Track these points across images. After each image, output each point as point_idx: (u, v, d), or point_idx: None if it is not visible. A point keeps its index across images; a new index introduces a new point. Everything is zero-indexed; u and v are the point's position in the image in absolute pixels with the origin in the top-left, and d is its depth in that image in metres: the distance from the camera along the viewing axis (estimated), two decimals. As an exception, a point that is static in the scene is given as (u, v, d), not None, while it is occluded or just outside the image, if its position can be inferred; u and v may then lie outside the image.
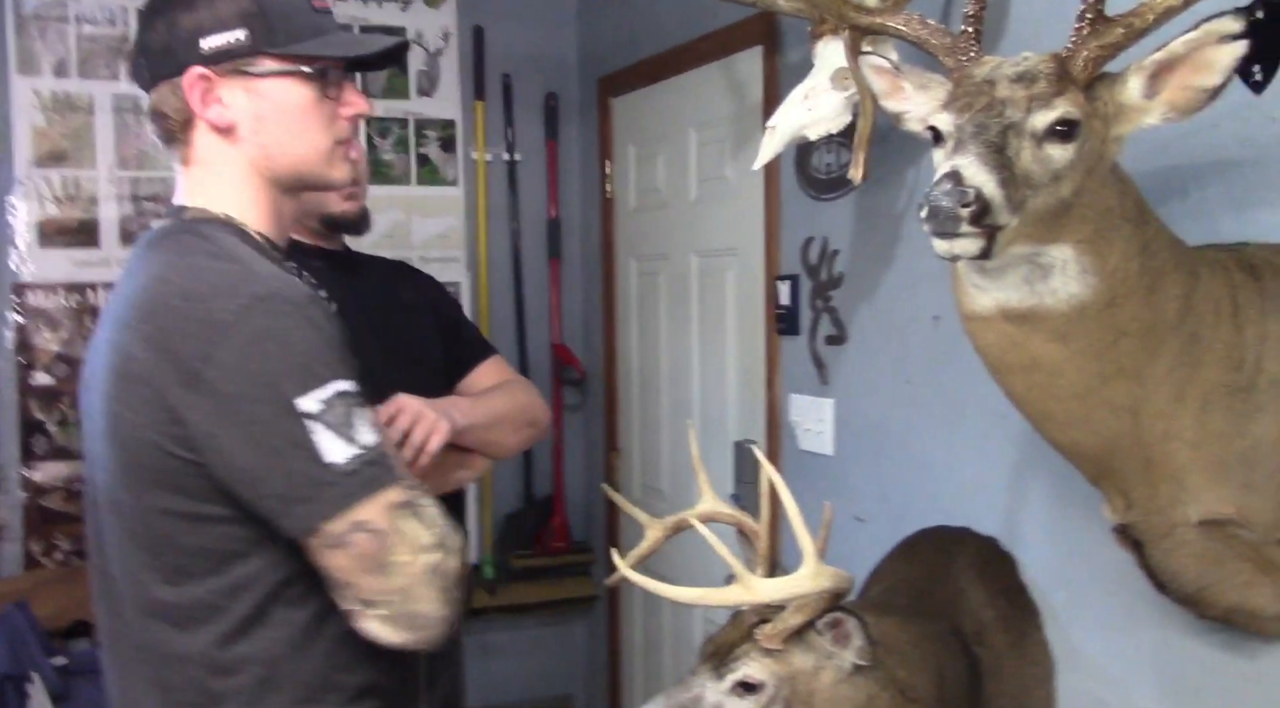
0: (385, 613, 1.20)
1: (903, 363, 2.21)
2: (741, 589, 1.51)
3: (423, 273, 2.09)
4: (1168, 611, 1.67)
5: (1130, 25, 1.24)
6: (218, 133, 1.32)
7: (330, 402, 1.17)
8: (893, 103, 1.44)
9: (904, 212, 2.18)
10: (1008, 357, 1.34)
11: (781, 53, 2.53)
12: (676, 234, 3.00)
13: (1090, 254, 1.26)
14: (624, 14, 3.28)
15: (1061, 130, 1.22)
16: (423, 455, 1.62)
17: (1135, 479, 1.38)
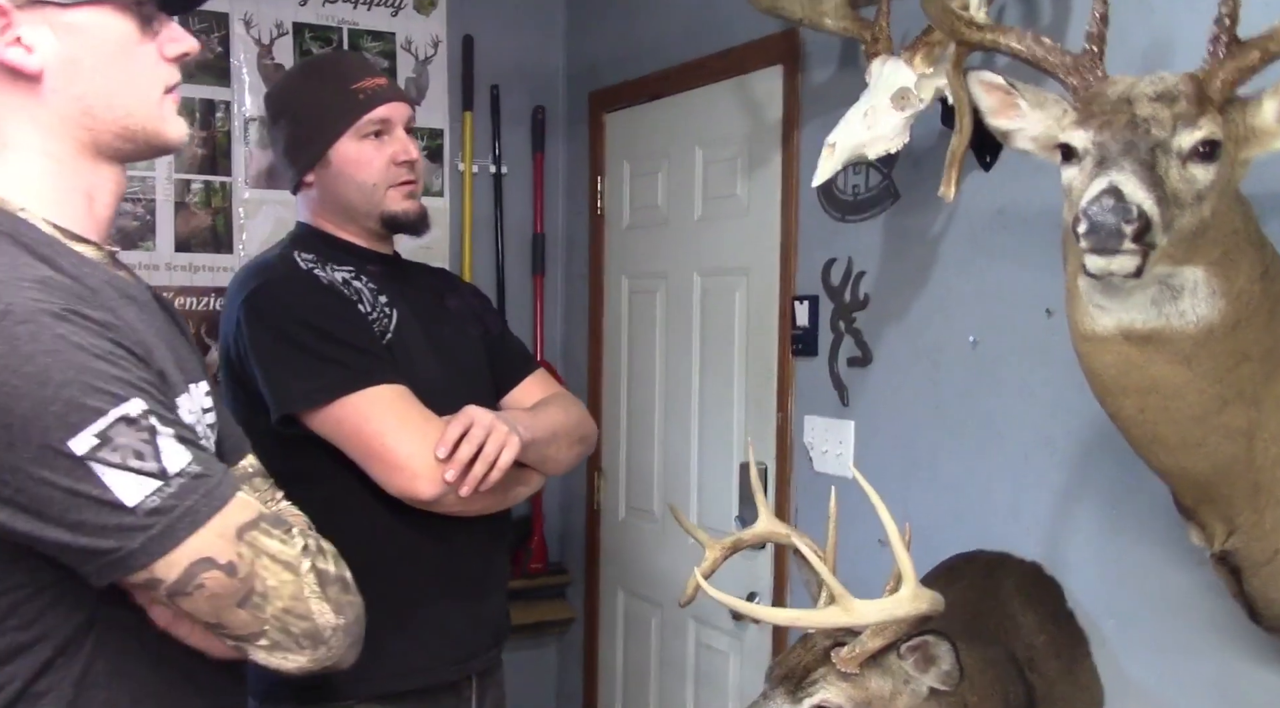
0: (267, 643, 1.05)
1: (934, 386, 2.19)
2: (840, 611, 1.47)
3: (467, 283, 2.03)
4: (1231, 637, 1.68)
5: (1265, 49, 1.24)
6: (15, 87, 1.06)
7: (109, 434, 0.96)
8: (1004, 120, 1.42)
9: (941, 234, 2.18)
10: (1125, 378, 1.33)
11: (804, 72, 2.52)
12: (677, 252, 2.96)
13: (1219, 276, 1.26)
14: (618, 30, 3.25)
15: (1204, 151, 1.21)
16: (495, 470, 1.56)
17: (1242, 505, 1.37)
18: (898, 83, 1.88)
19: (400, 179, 1.77)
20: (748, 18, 2.65)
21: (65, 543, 0.98)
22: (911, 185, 2.23)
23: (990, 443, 2.07)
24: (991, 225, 2.06)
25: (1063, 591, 1.93)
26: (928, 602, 1.47)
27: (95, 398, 0.97)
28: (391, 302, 1.73)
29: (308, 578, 1.06)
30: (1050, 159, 1.39)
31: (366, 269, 1.76)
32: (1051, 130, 1.37)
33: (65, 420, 0.95)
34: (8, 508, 0.97)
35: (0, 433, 0.94)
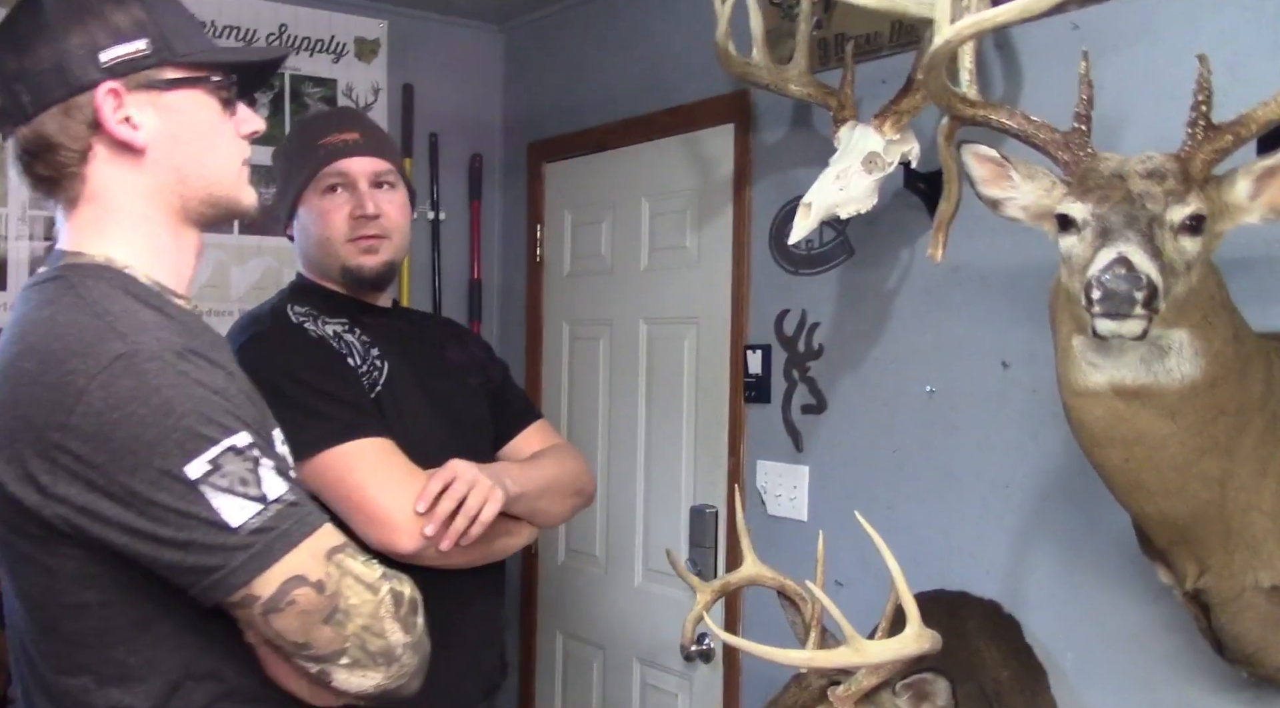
0: (348, 661, 1.12)
1: (890, 433, 2.30)
2: (852, 651, 1.54)
3: (470, 332, 2.05)
4: (1187, 670, 1.81)
5: (1237, 133, 1.37)
6: (123, 159, 1.20)
7: (220, 461, 1.08)
8: (995, 190, 1.53)
9: (896, 289, 2.29)
10: (1113, 430, 1.44)
11: (755, 131, 2.62)
12: (622, 300, 3.03)
13: (1201, 338, 1.38)
14: (558, 84, 3.31)
15: (1192, 225, 1.34)
16: (475, 524, 1.58)
17: (1214, 546, 1.49)
18: (867, 147, 1.99)
19: (357, 234, 1.77)
20: (698, 78, 2.77)
21: (176, 562, 1.08)
22: (866, 241, 2.34)
23: (948, 488, 2.18)
24: (947, 282, 2.18)
25: (1021, 627, 2.04)
26: (929, 640, 1.55)
27: (209, 428, 1.08)
28: (384, 354, 1.74)
29: (385, 599, 1.14)
30: (1038, 226, 1.51)
31: (362, 320, 1.77)
32: (1042, 201, 1.48)
33: (183, 447, 1.07)
34: (126, 532, 1.08)
35: (128, 458, 1.06)
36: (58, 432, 1.07)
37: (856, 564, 2.36)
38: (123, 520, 1.08)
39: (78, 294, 1.14)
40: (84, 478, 1.07)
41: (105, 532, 1.09)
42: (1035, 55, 2.02)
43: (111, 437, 1.06)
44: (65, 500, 1.08)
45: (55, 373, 1.08)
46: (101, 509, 1.08)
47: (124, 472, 1.06)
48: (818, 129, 2.46)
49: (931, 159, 2.12)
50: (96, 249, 1.20)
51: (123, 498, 1.07)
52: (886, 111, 2.00)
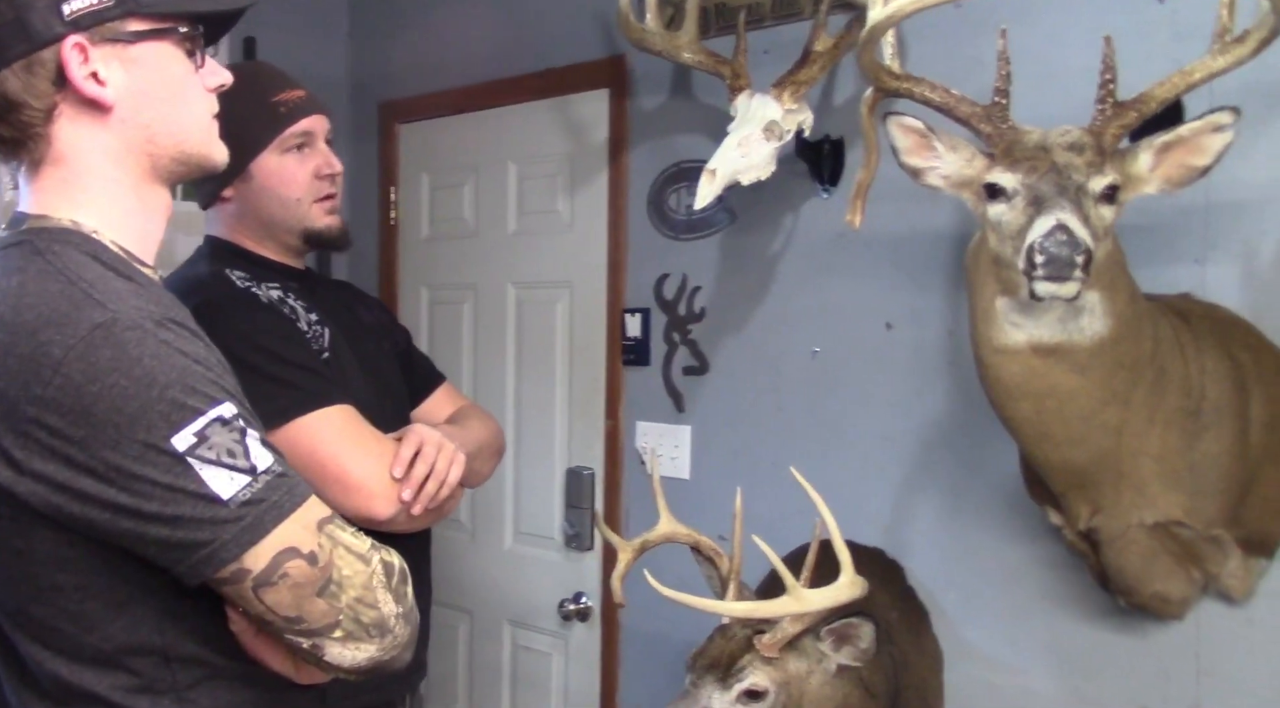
0: (341, 634, 1.10)
1: (773, 393, 2.39)
2: (791, 600, 1.61)
3: (372, 296, 2.00)
4: (1061, 602, 1.98)
5: (1140, 110, 1.51)
6: (89, 117, 1.14)
7: (206, 433, 1.04)
8: (917, 159, 1.61)
9: (780, 253, 2.37)
10: (1028, 385, 1.56)
11: (632, 97, 2.65)
12: (488, 264, 3.01)
13: (1108, 299, 1.51)
14: (411, 42, 3.24)
15: (1108, 194, 1.46)
16: (444, 487, 1.58)
17: (1107, 489, 1.64)
18: (767, 116, 2.06)
19: (323, 193, 1.74)
20: (569, 41, 2.77)
21: (164, 538, 1.04)
22: (747, 207, 2.41)
23: (832, 443, 2.29)
24: (831, 247, 2.28)
25: (904, 571, 2.17)
26: (860, 587, 1.65)
27: (194, 399, 1.04)
28: (321, 319, 1.69)
29: (377, 569, 1.11)
30: (958, 195, 1.61)
31: (292, 286, 1.72)
32: (963, 171, 1.58)
33: (168, 419, 1.02)
34: (109, 509, 1.03)
35: (109, 432, 1.01)
36: (33, 405, 1.01)
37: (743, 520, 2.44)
38: (105, 497, 1.02)
39: (46, 260, 1.08)
40: (62, 454, 1.02)
41: (85, 509, 1.03)
42: (919, 34, 2.12)
43: (91, 410, 1.01)
44: (42, 477, 1.03)
45: (28, 344, 1.03)
46: (82, 486, 1.02)
47: (105, 446, 1.01)
48: (697, 96, 2.51)
49: (817, 128, 2.22)
50: (61, 212, 1.14)
51: (104, 474, 1.02)
52: (785, 81, 2.06)
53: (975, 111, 1.55)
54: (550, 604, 2.82)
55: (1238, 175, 1.75)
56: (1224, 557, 1.73)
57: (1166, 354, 1.61)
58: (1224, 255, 1.80)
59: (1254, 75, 1.61)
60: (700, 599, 1.67)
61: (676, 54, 2.22)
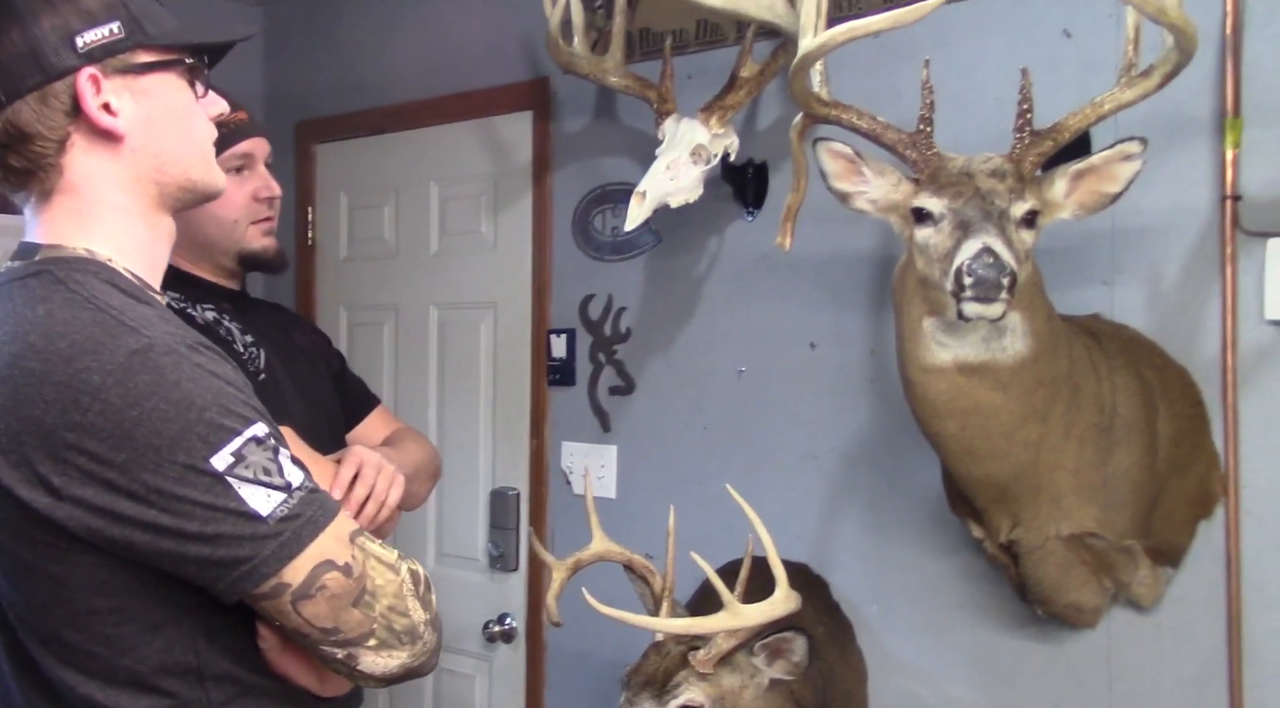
0: (375, 642, 1.12)
1: (699, 412, 2.43)
2: (729, 615, 1.63)
3: (305, 319, 1.97)
4: (981, 613, 2.04)
5: (1055, 139, 1.58)
6: (102, 147, 1.16)
7: (243, 452, 1.06)
8: (845, 184, 1.67)
9: (705, 275, 2.42)
10: (953, 402, 1.61)
11: (555, 119, 2.67)
12: (410, 286, 3.00)
13: (1028, 319, 1.58)
14: (329, 63, 3.22)
15: (1029, 218, 1.52)
16: (384, 509, 1.57)
17: (1026, 502, 1.71)
18: (695, 140, 2.10)
19: (260, 216, 1.73)
20: (491, 63, 2.78)
21: (205, 557, 1.05)
22: (672, 229, 2.45)
23: (758, 462, 2.33)
24: (755, 269, 2.33)
25: (829, 586, 2.22)
26: (795, 601, 1.68)
27: (231, 420, 1.06)
28: (256, 341, 1.67)
29: (405, 578, 1.14)
30: (885, 218, 1.67)
31: (227, 307, 1.69)
32: (890, 195, 1.64)
33: (207, 440, 1.04)
34: (150, 530, 1.04)
35: (150, 455, 1.02)
36: (72, 432, 1.02)
37: (664, 537, 2.47)
38: (145, 519, 1.04)
39: (70, 289, 1.08)
40: (101, 478, 1.03)
41: (126, 532, 1.04)
42: (841, 62, 2.18)
43: (132, 434, 1.02)
44: (81, 502, 1.03)
45: (64, 372, 1.03)
46: (121, 509, 1.03)
47: (146, 469, 1.02)
48: (622, 119, 2.55)
49: (741, 153, 2.26)
50: (75, 241, 1.15)
51: (144, 496, 1.03)
52: (712, 106, 2.11)
53: (901, 138, 1.61)
54: (474, 626, 2.81)
55: (1141, 203, 1.84)
56: (1134, 566, 1.81)
57: (1081, 372, 1.69)
58: (1130, 278, 1.88)
59: (1154, 107, 1.70)
60: (639, 617, 1.69)
61: (604, 78, 2.25)
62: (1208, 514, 1.81)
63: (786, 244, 1.77)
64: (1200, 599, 1.83)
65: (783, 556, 2.23)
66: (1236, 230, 1.77)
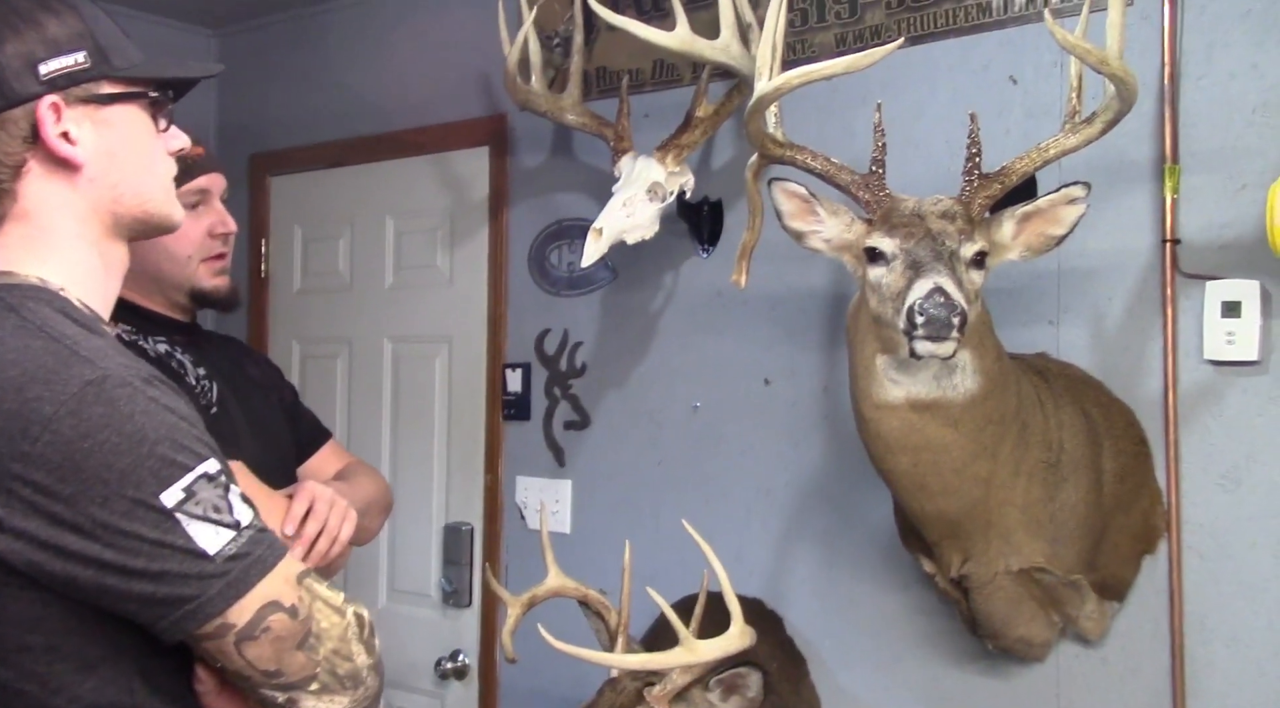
0: (317, 687, 1.11)
1: (655, 447, 2.44)
2: (685, 651, 1.64)
3: (259, 352, 1.96)
4: (934, 647, 2.07)
5: (1003, 182, 1.63)
6: (58, 175, 1.15)
7: (194, 488, 1.05)
8: (799, 224, 1.70)
9: (660, 311, 2.44)
10: (905, 439, 1.64)
11: (513, 155, 2.69)
12: (364, 319, 2.99)
13: (977, 357, 1.61)
14: (284, 96, 3.22)
15: (978, 259, 1.56)
16: (335, 545, 1.57)
17: (977, 537, 1.73)
18: (651, 177, 2.13)
19: (213, 252, 1.72)
20: (448, 99, 2.80)
21: (148, 594, 1.03)
22: (628, 265, 2.47)
23: (713, 496, 2.35)
24: (710, 305, 2.35)
25: (783, 621, 2.23)
26: (750, 637, 1.69)
27: (183, 455, 1.05)
28: (209, 374, 1.66)
29: (351, 621, 1.13)
30: (838, 257, 1.70)
31: (178, 340, 1.68)
32: (843, 235, 1.67)
33: (158, 475, 1.03)
34: (93, 565, 1.02)
35: (98, 488, 1.00)
36: (19, 462, 1.00)
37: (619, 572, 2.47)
38: (89, 553, 1.02)
39: (21, 317, 1.07)
40: (46, 511, 1.01)
41: (67, 566, 1.02)
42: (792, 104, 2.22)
43: (82, 466, 1.00)
44: (23, 534, 1.01)
45: (14, 400, 1.01)
46: (65, 543, 1.01)
47: (94, 503, 1.01)
48: (578, 156, 2.57)
49: (697, 191, 2.29)
50: (28, 269, 1.13)
51: (89, 530, 1.01)
52: (669, 145, 2.14)
53: (854, 179, 1.65)
54: (427, 663, 2.79)
55: (1086, 245, 1.89)
56: (1081, 600, 1.84)
57: (1029, 410, 1.72)
58: (1075, 318, 1.93)
59: (1097, 153, 1.75)
60: (595, 653, 1.69)
61: (561, 115, 2.28)
62: (1151, 549, 1.85)
63: (742, 282, 1.80)
64: (1145, 633, 1.87)
65: (737, 590, 2.26)
66: (1176, 273, 1.82)
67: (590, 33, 2.42)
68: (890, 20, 2.12)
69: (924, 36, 2.10)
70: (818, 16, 2.20)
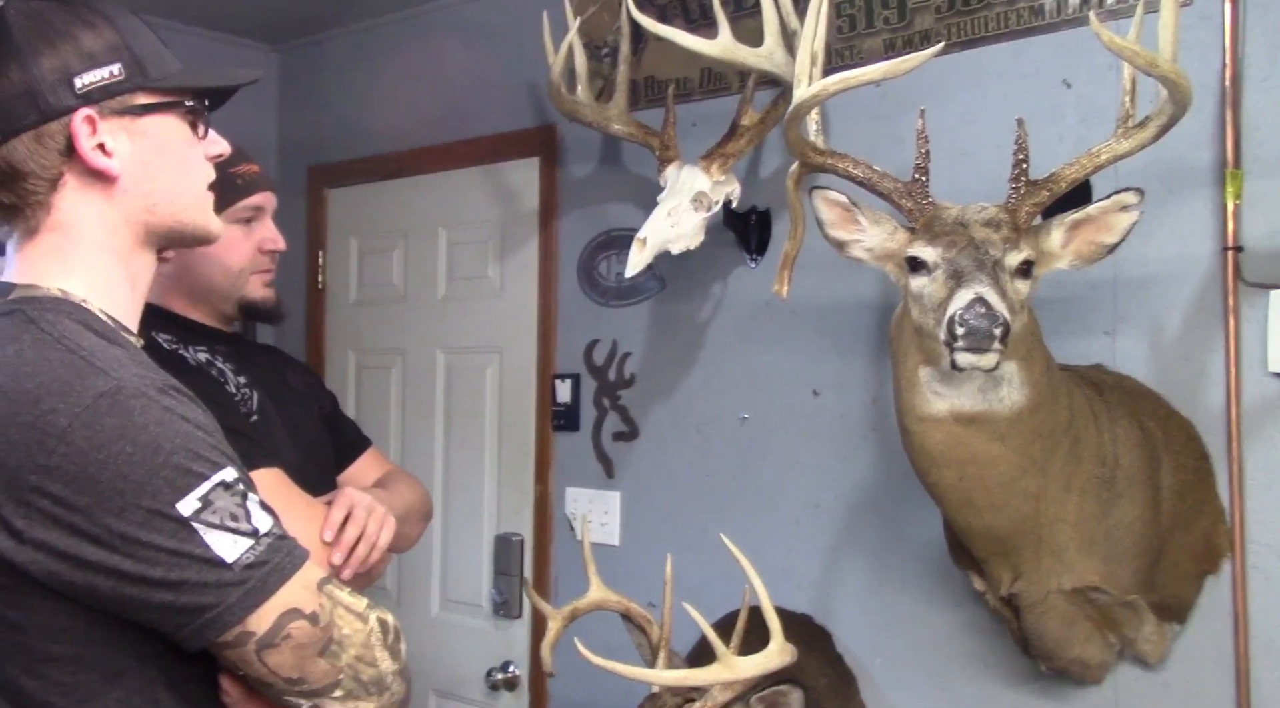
0: (341, 693, 1.11)
1: (703, 458, 2.41)
2: (722, 668, 1.61)
3: (300, 361, 1.98)
4: (986, 666, 2.01)
5: (1051, 189, 1.57)
6: (93, 188, 1.16)
7: (210, 497, 1.05)
8: (841, 232, 1.66)
9: (708, 321, 2.41)
10: (950, 452, 1.59)
11: (562, 165, 2.69)
12: (418, 330, 3.00)
13: (1025, 369, 1.56)
14: (342, 109, 3.25)
15: (1024, 269, 1.51)
16: (375, 551, 1.57)
17: (1027, 555, 1.68)
18: (696, 187, 2.11)
19: (263, 267, 1.75)
20: (499, 110, 2.81)
21: (168, 604, 1.03)
22: (676, 275, 2.45)
23: (760, 509, 2.31)
24: (758, 316, 2.32)
25: (832, 638, 2.19)
26: (790, 654, 1.66)
27: (199, 464, 1.05)
28: (249, 382, 1.68)
29: (374, 628, 1.13)
30: (881, 266, 1.66)
31: (220, 349, 1.70)
32: (886, 244, 1.63)
33: (174, 485, 1.03)
34: (113, 575, 1.02)
35: (115, 499, 1.01)
36: (36, 474, 1.01)
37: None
38: (109, 564, 1.02)
39: (41, 329, 1.08)
40: (65, 522, 1.02)
41: (88, 577, 1.03)
42: (840, 110, 2.19)
43: (97, 478, 1.01)
44: (43, 546, 1.02)
45: (31, 413, 1.02)
46: (85, 554, 1.02)
47: (110, 513, 1.01)
48: (627, 166, 2.56)
49: (745, 200, 2.27)
50: (51, 281, 1.15)
51: (108, 541, 1.02)
52: (714, 154, 2.11)
53: (897, 187, 1.61)
54: (477, 674, 2.78)
55: (1144, 252, 1.83)
56: (1139, 621, 1.78)
57: (1081, 423, 1.67)
58: (1132, 328, 1.87)
59: (1155, 157, 1.70)
60: (631, 668, 1.67)
61: (606, 125, 2.27)
62: (1214, 570, 1.78)
63: (784, 292, 1.76)
64: (1208, 656, 1.80)
65: (785, 605, 2.22)
66: (1238, 282, 1.75)
67: (639, 42, 2.41)
68: (940, 25, 2.07)
69: (974, 40, 2.05)
70: (866, 22, 2.17)
